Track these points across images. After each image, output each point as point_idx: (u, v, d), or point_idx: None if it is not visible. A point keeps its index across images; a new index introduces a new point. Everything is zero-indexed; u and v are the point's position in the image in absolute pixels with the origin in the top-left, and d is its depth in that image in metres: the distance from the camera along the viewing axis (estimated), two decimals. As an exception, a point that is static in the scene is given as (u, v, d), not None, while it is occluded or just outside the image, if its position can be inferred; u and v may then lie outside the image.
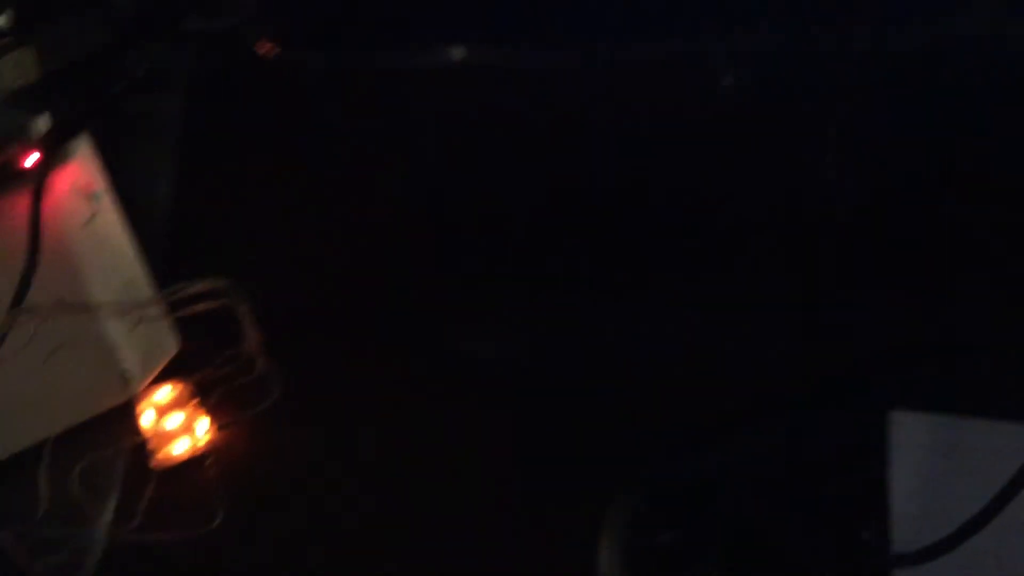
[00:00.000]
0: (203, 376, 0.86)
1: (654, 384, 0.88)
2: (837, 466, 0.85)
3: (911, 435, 0.84)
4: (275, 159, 0.96)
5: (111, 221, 0.86)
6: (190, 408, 0.85)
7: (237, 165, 0.96)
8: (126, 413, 0.84)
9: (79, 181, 0.82)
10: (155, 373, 0.86)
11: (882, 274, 0.91)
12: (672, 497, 0.85)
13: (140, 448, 0.84)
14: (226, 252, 0.90)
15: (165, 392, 0.86)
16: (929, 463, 0.83)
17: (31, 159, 0.79)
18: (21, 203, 0.79)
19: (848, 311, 0.90)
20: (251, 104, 0.97)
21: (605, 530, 0.83)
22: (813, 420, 0.88)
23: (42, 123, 0.81)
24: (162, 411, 0.85)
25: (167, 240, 0.91)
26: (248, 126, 0.97)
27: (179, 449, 0.84)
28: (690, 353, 0.89)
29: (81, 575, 0.78)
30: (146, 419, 0.84)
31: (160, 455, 0.84)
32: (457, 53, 0.73)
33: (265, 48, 0.72)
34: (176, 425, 0.85)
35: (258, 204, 0.93)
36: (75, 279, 0.81)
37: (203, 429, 0.85)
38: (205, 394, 0.86)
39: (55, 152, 0.81)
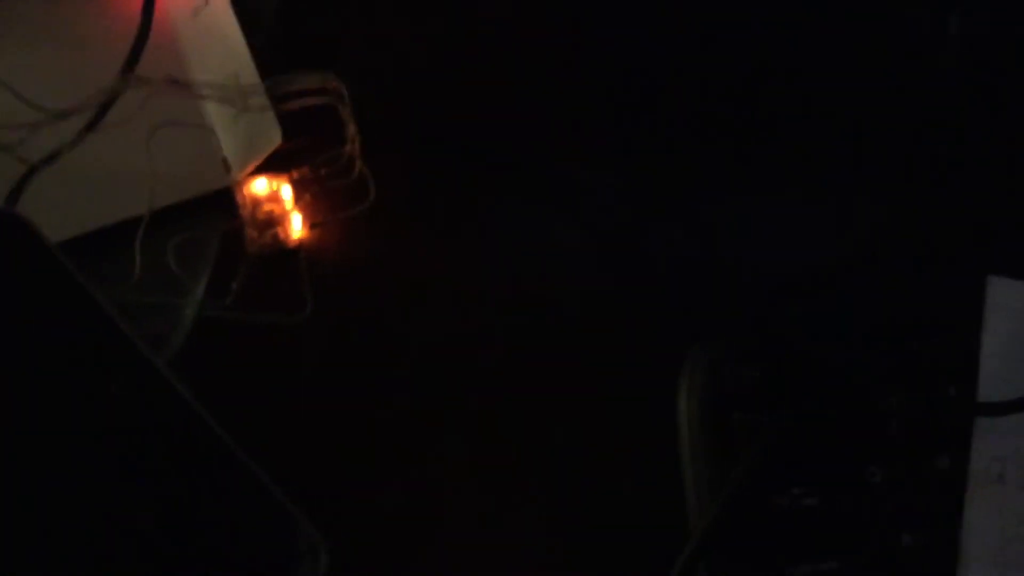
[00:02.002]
0: (301, 173, 0.86)
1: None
2: (928, 327, 0.84)
3: (1008, 300, 0.83)
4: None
5: (221, 11, 0.85)
6: (286, 202, 0.85)
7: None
8: (224, 198, 0.84)
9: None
10: (256, 163, 0.86)
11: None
12: (755, 342, 0.85)
13: (235, 233, 0.84)
14: (337, 52, 0.89)
15: (263, 183, 0.86)
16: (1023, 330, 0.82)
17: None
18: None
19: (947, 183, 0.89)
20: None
21: (684, 374, 0.83)
22: (907, 280, 0.87)
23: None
24: (259, 201, 0.85)
25: (278, 35, 0.90)
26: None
27: (272, 239, 0.85)
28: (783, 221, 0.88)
29: (172, 343, 0.79)
30: (243, 207, 0.84)
31: (254, 243, 0.84)
32: None
33: None
34: (271, 216, 0.85)
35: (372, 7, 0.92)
36: (182, 66, 0.81)
37: (297, 224, 0.85)
38: (302, 190, 0.86)
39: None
